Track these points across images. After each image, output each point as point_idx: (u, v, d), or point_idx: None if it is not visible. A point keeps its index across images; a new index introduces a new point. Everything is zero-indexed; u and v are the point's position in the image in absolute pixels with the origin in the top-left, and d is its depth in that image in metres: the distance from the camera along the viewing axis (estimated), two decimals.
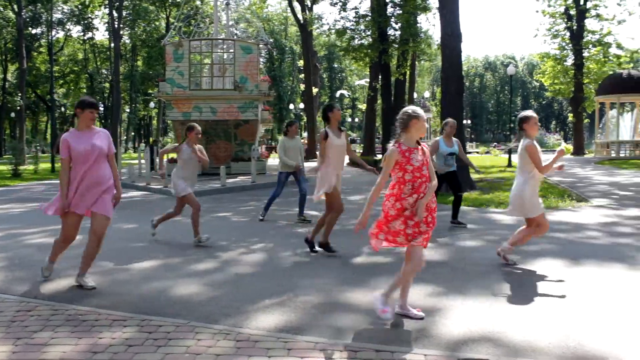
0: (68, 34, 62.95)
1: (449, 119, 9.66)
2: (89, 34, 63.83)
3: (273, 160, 29.81)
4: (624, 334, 4.28)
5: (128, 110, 69.12)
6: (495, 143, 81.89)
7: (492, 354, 3.92)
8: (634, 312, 4.80)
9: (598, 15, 41.13)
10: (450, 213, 9.69)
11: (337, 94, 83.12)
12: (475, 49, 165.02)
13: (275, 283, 5.87)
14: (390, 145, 4.60)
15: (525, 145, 6.25)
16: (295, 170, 10.42)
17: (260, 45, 26.01)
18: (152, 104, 61.47)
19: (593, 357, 3.87)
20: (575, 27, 40.85)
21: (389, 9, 29.17)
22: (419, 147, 4.59)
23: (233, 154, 23.48)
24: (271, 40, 71.97)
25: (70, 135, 5.59)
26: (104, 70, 68.81)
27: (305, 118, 48.82)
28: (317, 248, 7.39)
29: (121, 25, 50.20)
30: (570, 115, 44.91)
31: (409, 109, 4.64)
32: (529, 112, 6.57)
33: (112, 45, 50.36)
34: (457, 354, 3.93)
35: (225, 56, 24.36)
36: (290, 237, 8.68)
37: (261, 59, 55.20)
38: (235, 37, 27.41)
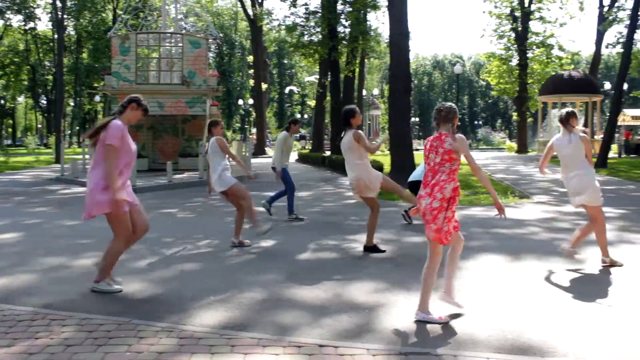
0: (8, 23, 60.71)
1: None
2: (31, 24, 61.79)
3: None
4: (560, 325, 4.43)
5: (72, 104, 67.26)
6: None
7: (434, 347, 3.99)
8: (569, 305, 4.97)
9: (541, 18, 42.38)
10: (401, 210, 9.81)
11: (287, 90, 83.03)
12: (424, 48, 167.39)
13: (220, 280, 5.83)
14: (459, 134, 4.61)
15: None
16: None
17: (210, 40, 25.70)
18: (97, 98, 59.97)
19: (529, 347, 3.99)
20: (520, 29, 41.96)
21: (339, 6, 29.24)
22: None
23: (181, 149, 23.19)
24: (221, 35, 71.20)
25: (123, 125, 5.29)
26: (47, 62, 66.74)
27: (254, 114, 48.52)
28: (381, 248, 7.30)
29: (65, 16, 48.71)
30: (515, 114, 46.12)
31: (451, 105, 4.75)
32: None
33: (56, 36, 48.85)
34: (399, 348, 3.99)
35: (173, 50, 24.02)
36: None
37: (210, 54, 54.71)
38: (183, 31, 27.03)
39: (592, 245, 7.56)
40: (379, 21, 79.13)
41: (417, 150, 20.50)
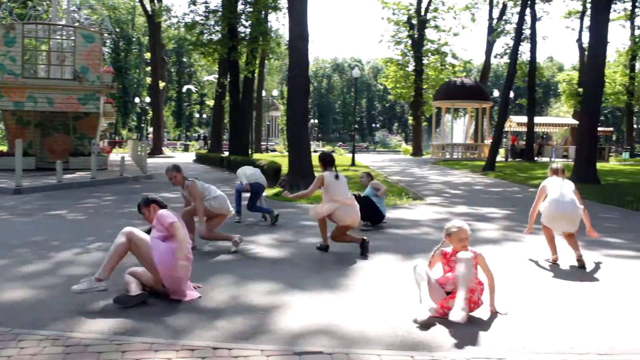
0: None
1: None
2: None
3: (115, 156, 28.60)
4: (448, 321, 4.60)
5: None
6: (340, 143, 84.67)
7: (328, 346, 4.04)
8: None
9: (436, 27, 44.18)
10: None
11: (185, 89, 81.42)
12: (324, 51, 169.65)
13: (112, 283, 5.60)
14: None
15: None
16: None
17: (105, 35, 24.78)
18: None
19: (419, 343, 4.13)
20: (416, 36, 43.49)
21: (240, 6, 29.10)
22: None
23: (72, 148, 22.19)
24: (117, 29, 68.86)
25: None
26: None
27: (151, 112, 47.25)
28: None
29: None
30: (411, 118, 47.66)
31: None
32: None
33: None
34: (294, 348, 4.00)
35: (64, 44, 22.92)
36: None
37: (105, 49, 52.64)
38: (76, 23, 25.84)
39: (486, 243, 7.96)
40: (279, 23, 79.17)
41: (315, 152, 20.67)
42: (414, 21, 43.67)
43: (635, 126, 62.17)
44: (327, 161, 7.43)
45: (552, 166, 7.19)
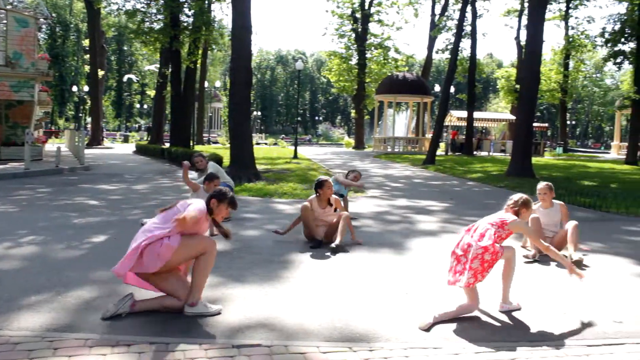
0: None
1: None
2: None
3: (51, 146, 27.73)
4: (384, 312, 4.68)
5: None
6: (283, 135, 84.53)
7: (267, 339, 4.04)
8: (397, 293, 5.26)
9: (380, 21, 44.55)
10: None
11: (125, 78, 79.54)
12: (268, 43, 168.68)
13: (44, 278, 5.44)
14: None
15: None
16: None
17: (40, 19, 23.91)
18: None
19: (357, 334, 4.18)
20: (360, 30, 43.72)
21: None
22: None
23: (4, 137, 21.36)
24: (53, 15, 66.60)
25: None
26: None
27: (89, 102, 45.94)
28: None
29: None
30: (353, 111, 47.95)
31: None
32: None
33: None
34: (232, 341, 3.98)
35: None
36: (66, 228, 8.11)
37: (41, 35, 50.86)
38: (9, 7, 24.82)
39: (425, 235, 8.10)
40: (223, 13, 78.30)
41: (257, 144, 20.57)
42: (358, 15, 43.91)
43: (568, 122, 64.52)
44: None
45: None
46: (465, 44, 34.33)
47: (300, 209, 7.52)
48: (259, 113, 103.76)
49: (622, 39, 31.76)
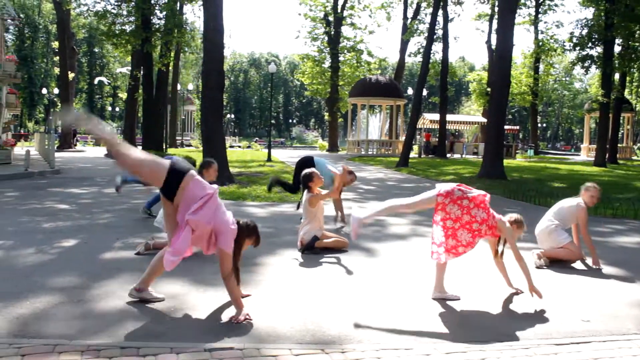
0: None
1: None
2: None
3: (20, 149, 27.28)
4: (355, 314, 4.69)
5: None
6: (257, 138, 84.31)
7: (238, 342, 4.03)
8: (368, 296, 5.28)
9: (353, 24, 44.77)
10: None
11: (96, 80, 78.62)
12: (241, 45, 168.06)
13: (11, 284, 5.34)
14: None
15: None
16: None
17: (7, 20, 23.52)
18: None
19: (329, 337, 4.19)
20: (332, 33, 43.87)
21: None
22: None
23: None
24: (21, 15, 65.56)
25: None
26: None
27: (60, 104, 45.31)
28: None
29: None
30: (327, 114, 48.07)
31: None
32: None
33: None
34: (204, 345, 3.96)
35: None
36: (35, 233, 7.98)
37: (8, 36, 50.01)
38: None
39: (396, 239, 8.15)
40: (195, 15, 77.72)
41: (231, 147, 20.48)
42: (331, 18, 44.06)
43: (539, 125, 65.48)
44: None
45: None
46: (438, 47, 34.75)
47: (311, 202, 7.27)
48: (233, 116, 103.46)
49: (590, 44, 32.34)
